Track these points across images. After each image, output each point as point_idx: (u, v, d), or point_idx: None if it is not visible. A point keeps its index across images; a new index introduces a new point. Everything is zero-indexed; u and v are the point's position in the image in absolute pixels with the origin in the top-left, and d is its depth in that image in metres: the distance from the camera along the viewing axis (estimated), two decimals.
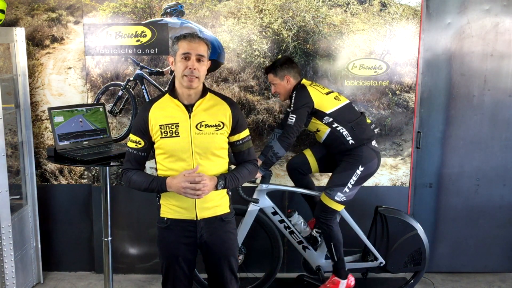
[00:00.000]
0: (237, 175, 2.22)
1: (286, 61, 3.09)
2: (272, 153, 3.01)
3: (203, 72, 2.14)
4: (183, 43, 2.12)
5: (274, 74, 3.08)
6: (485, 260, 3.78)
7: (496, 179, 3.67)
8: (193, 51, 2.10)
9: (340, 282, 3.16)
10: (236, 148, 2.26)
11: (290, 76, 3.06)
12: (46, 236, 3.64)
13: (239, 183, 2.24)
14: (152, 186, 2.15)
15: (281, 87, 3.09)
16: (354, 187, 3.03)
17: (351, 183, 3.01)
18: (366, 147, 3.03)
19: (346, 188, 3.00)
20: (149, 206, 3.54)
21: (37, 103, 3.54)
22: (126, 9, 3.39)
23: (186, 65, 2.10)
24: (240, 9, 3.39)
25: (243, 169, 2.27)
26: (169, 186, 2.11)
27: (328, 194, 3.03)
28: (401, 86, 3.51)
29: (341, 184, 3.01)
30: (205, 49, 2.14)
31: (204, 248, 2.26)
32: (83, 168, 3.59)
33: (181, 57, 2.11)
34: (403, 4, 3.40)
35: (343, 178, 3.01)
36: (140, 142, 2.20)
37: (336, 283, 3.17)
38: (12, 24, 3.43)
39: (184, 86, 2.13)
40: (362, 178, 3.03)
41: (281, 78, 3.07)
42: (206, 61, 2.16)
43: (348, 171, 3.01)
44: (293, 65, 3.09)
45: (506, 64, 3.55)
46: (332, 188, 3.02)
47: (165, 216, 2.24)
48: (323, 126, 3.03)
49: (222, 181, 2.15)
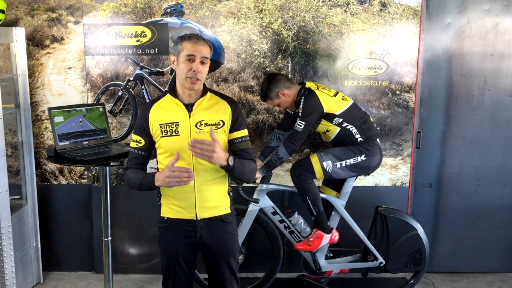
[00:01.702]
0: (243, 163, 2.16)
1: (269, 80, 3.05)
2: (276, 157, 3.01)
3: (205, 73, 2.14)
4: (187, 44, 2.10)
5: (269, 99, 3.09)
6: (485, 260, 3.78)
7: (496, 179, 3.67)
8: (198, 53, 2.09)
9: (323, 236, 3.13)
10: (235, 146, 2.22)
11: (283, 90, 3.04)
12: (46, 236, 3.64)
13: (243, 172, 2.16)
14: (144, 183, 2.14)
15: (283, 103, 3.08)
16: (345, 169, 3.02)
17: (346, 163, 3.00)
18: (373, 143, 3.06)
19: (339, 163, 3.00)
20: (149, 206, 3.55)
21: (37, 103, 3.54)
22: (126, 9, 3.39)
23: (190, 67, 2.08)
24: (240, 9, 3.39)
25: (246, 162, 2.20)
26: (156, 180, 2.09)
27: (319, 155, 3.01)
28: (401, 86, 3.51)
29: (338, 158, 3.00)
30: (209, 51, 2.14)
31: (204, 249, 2.25)
32: (83, 168, 3.59)
33: (185, 58, 2.09)
34: (403, 4, 3.40)
35: (343, 154, 3.01)
36: (141, 141, 2.20)
37: (319, 236, 3.13)
38: (12, 24, 3.43)
39: (186, 87, 2.12)
40: (359, 167, 3.03)
41: (277, 97, 3.06)
42: (208, 62, 2.15)
43: (351, 152, 3.01)
44: (277, 79, 3.05)
45: (506, 64, 3.55)
46: (327, 154, 3.01)
47: (165, 215, 2.24)
48: (333, 126, 3.03)
49: (232, 157, 2.09)
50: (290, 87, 3.05)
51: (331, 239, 3.18)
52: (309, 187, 3.04)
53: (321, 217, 3.10)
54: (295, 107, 3.07)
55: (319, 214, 3.09)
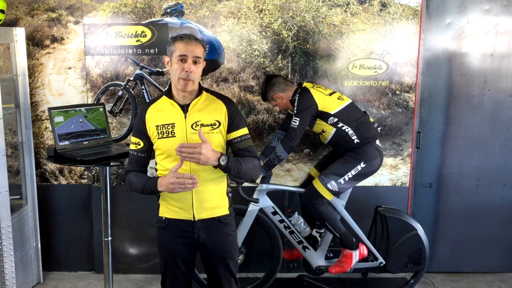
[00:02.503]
0: (241, 161, 2.12)
1: (265, 84, 3.12)
2: (274, 155, 3.01)
3: (199, 74, 2.12)
4: (179, 45, 2.09)
5: (267, 100, 3.17)
6: (485, 260, 3.78)
7: (496, 179, 3.67)
8: (190, 53, 2.07)
9: (352, 253, 3.14)
10: (235, 146, 2.20)
11: (277, 94, 3.09)
12: (46, 236, 3.64)
13: (241, 171, 2.12)
14: (146, 187, 2.14)
15: (280, 105, 3.16)
16: (350, 181, 3.03)
17: (348, 176, 3.01)
18: (370, 146, 3.04)
19: (342, 179, 3.00)
20: (149, 206, 3.53)
21: (37, 103, 3.54)
22: (126, 9, 3.39)
23: (182, 67, 2.07)
24: (240, 9, 3.39)
25: (246, 160, 2.16)
26: (159, 185, 2.08)
27: (321, 179, 3.02)
28: (401, 86, 3.51)
29: (339, 174, 3.00)
30: (202, 51, 2.12)
31: (202, 249, 2.25)
32: (83, 168, 3.59)
33: (178, 58, 2.08)
34: (403, 4, 3.40)
35: (342, 169, 3.01)
36: (140, 143, 2.20)
37: (348, 256, 3.14)
38: (12, 24, 3.43)
39: (178, 88, 2.12)
40: (362, 174, 3.03)
41: (273, 100, 3.13)
42: (202, 62, 2.13)
43: (349, 164, 3.01)
44: (272, 82, 3.09)
45: (506, 64, 3.55)
46: (328, 175, 3.02)
47: (163, 215, 2.24)
48: (329, 126, 3.03)
49: (225, 156, 2.06)
50: (285, 89, 3.08)
51: (361, 254, 3.18)
52: (325, 211, 3.06)
53: (345, 237, 3.12)
54: (292, 106, 3.07)
55: (343, 234, 3.11)
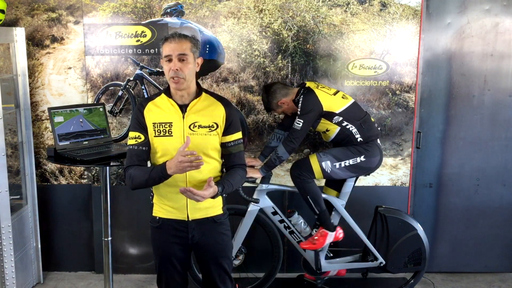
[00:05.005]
0: (232, 182, 2.17)
1: (266, 93, 3.09)
2: (275, 156, 3.00)
3: (189, 70, 2.09)
4: (164, 46, 2.10)
5: (272, 109, 3.14)
6: (485, 260, 3.78)
7: (496, 179, 3.67)
8: (173, 52, 2.07)
9: (328, 233, 3.13)
10: (227, 150, 2.21)
11: (281, 99, 3.06)
12: (46, 236, 3.64)
13: (233, 189, 2.20)
14: (153, 175, 2.08)
15: (286, 109, 3.11)
16: (345, 170, 3.02)
17: (345, 164, 3.00)
18: (373, 143, 3.05)
19: (338, 164, 3.00)
20: (149, 206, 3.51)
21: (37, 103, 3.54)
22: (126, 9, 3.39)
23: (169, 67, 2.08)
24: (240, 9, 3.39)
25: (235, 175, 2.22)
26: (169, 168, 2.02)
27: (319, 156, 3.01)
28: (401, 86, 3.51)
29: (337, 158, 3.00)
30: (188, 47, 2.09)
31: (197, 249, 2.26)
32: (83, 168, 3.59)
33: (165, 60, 2.09)
34: (403, 4, 3.40)
35: (342, 155, 3.01)
36: (140, 137, 2.16)
37: (324, 234, 3.13)
38: (12, 24, 3.43)
39: (172, 87, 2.13)
40: (358, 168, 3.03)
41: (278, 107, 3.10)
42: (191, 58, 2.10)
43: (350, 153, 3.01)
44: (272, 90, 3.07)
45: (506, 64, 3.55)
46: (327, 155, 3.01)
47: (157, 215, 2.24)
48: (333, 125, 3.03)
49: (220, 188, 2.10)
50: (287, 93, 3.07)
51: (336, 236, 3.18)
52: (309, 186, 3.04)
53: (324, 215, 3.10)
54: (295, 106, 3.07)
55: (322, 212, 3.08)
